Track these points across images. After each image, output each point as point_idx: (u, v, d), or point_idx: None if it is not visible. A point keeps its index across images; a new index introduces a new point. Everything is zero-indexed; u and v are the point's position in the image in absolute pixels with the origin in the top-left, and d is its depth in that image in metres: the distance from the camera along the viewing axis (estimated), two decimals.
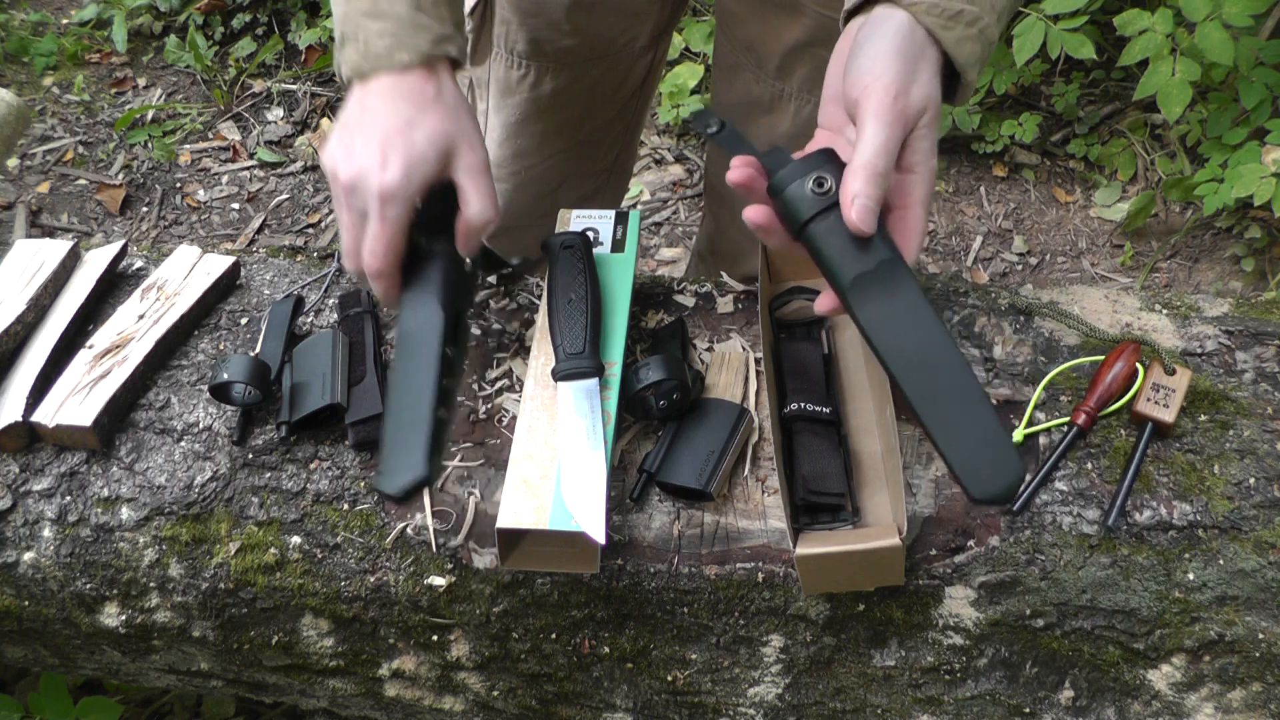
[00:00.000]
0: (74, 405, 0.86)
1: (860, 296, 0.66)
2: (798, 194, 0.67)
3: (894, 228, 0.69)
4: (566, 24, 1.11)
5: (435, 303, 0.76)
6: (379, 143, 0.74)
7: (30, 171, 2.43)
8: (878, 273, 0.66)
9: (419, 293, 0.77)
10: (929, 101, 0.68)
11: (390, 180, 0.73)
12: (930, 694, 0.84)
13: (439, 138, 0.75)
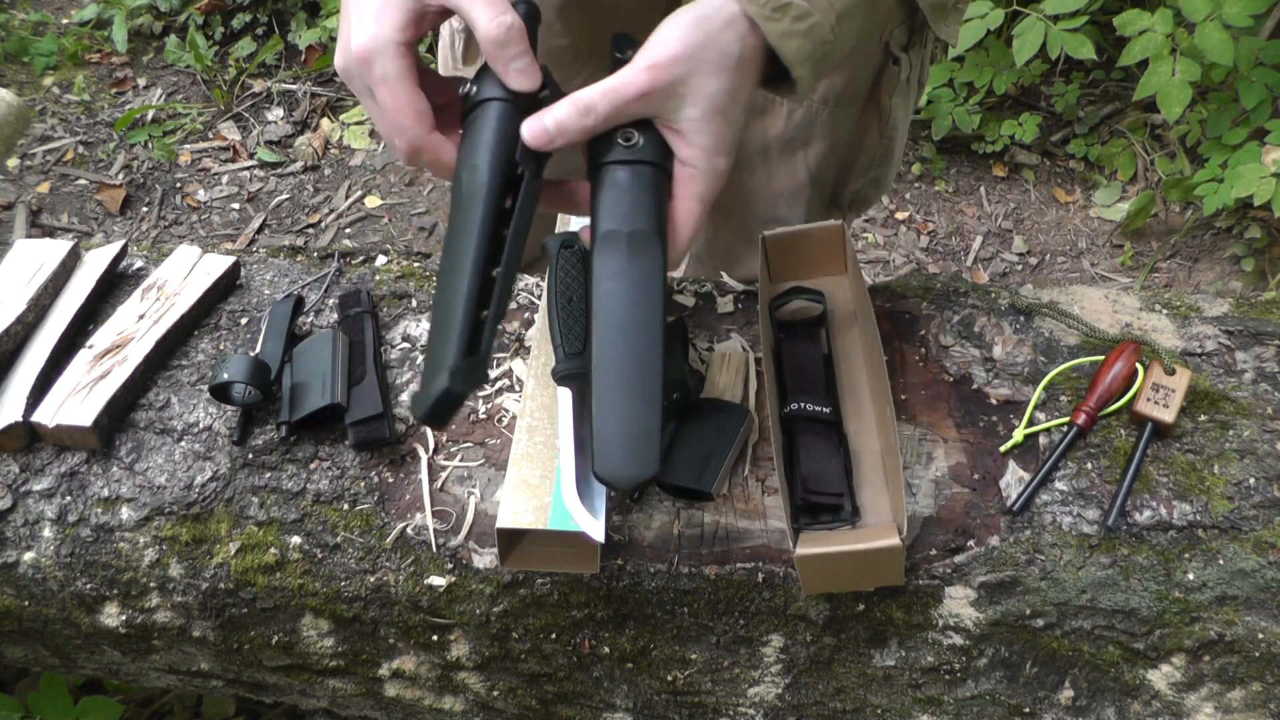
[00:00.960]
0: (74, 405, 0.86)
1: (604, 247, 0.67)
2: (605, 139, 0.69)
3: (671, 214, 0.69)
4: (558, 24, 1.11)
5: (484, 157, 0.67)
6: (348, 13, 0.68)
7: (30, 171, 2.43)
8: (631, 237, 0.67)
9: (467, 152, 0.68)
10: (695, 95, 0.67)
11: (361, 40, 0.66)
12: (930, 694, 0.84)
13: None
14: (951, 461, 0.84)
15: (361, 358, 0.90)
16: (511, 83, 0.68)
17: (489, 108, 0.68)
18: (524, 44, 0.67)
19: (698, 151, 0.68)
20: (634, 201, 0.67)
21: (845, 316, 0.93)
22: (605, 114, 0.67)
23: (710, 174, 0.69)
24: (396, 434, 0.86)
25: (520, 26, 0.66)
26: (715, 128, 0.67)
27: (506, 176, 0.67)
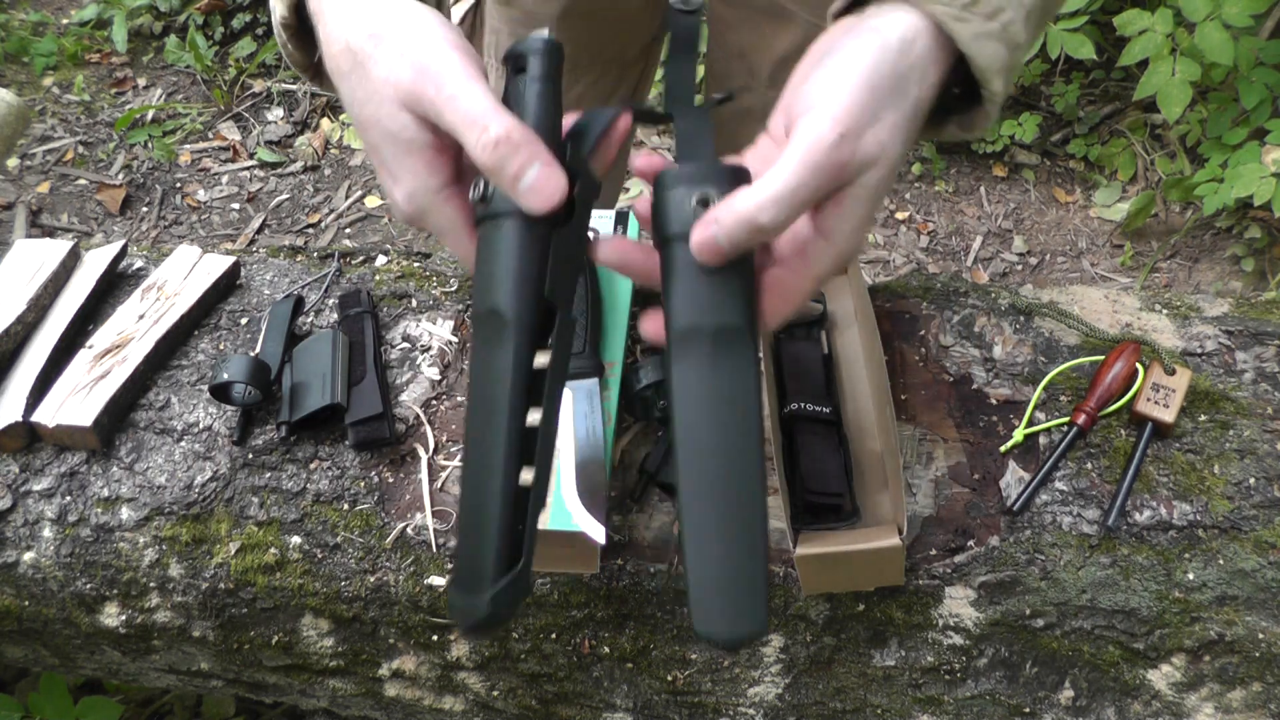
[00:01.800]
0: (74, 405, 0.86)
1: (682, 351, 0.54)
2: (677, 201, 0.54)
3: (766, 287, 0.56)
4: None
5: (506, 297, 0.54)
6: (369, 145, 0.59)
7: (30, 171, 2.43)
8: (714, 335, 0.53)
9: (484, 287, 0.56)
10: (883, 155, 0.52)
11: (399, 200, 0.58)
12: (930, 694, 0.84)
13: (394, 91, 0.55)
14: (951, 461, 0.84)
15: (361, 358, 0.90)
16: (524, 204, 0.53)
17: (503, 226, 0.55)
18: (527, 153, 0.53)
19: (847, 224, 0.53)
20: (720, 287, 0.53)
21: (845, 316, 0.93)
22: (788, 216, 0.51)
23: (849, 252, 0.55)
24: (396, 434, 0.86)
25: (512, 136, 0.52)
26: (872, 199, 0.53)
27: (536, 319, 0.54)
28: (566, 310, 0.56)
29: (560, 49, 0.59)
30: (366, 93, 0.57)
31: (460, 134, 0.53)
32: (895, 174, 0.55)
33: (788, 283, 0.55)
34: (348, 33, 0.57)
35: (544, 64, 0.57)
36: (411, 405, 0.89)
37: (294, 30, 0.65)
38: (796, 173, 0.50)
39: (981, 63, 0.55)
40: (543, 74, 0.57)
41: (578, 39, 1.13)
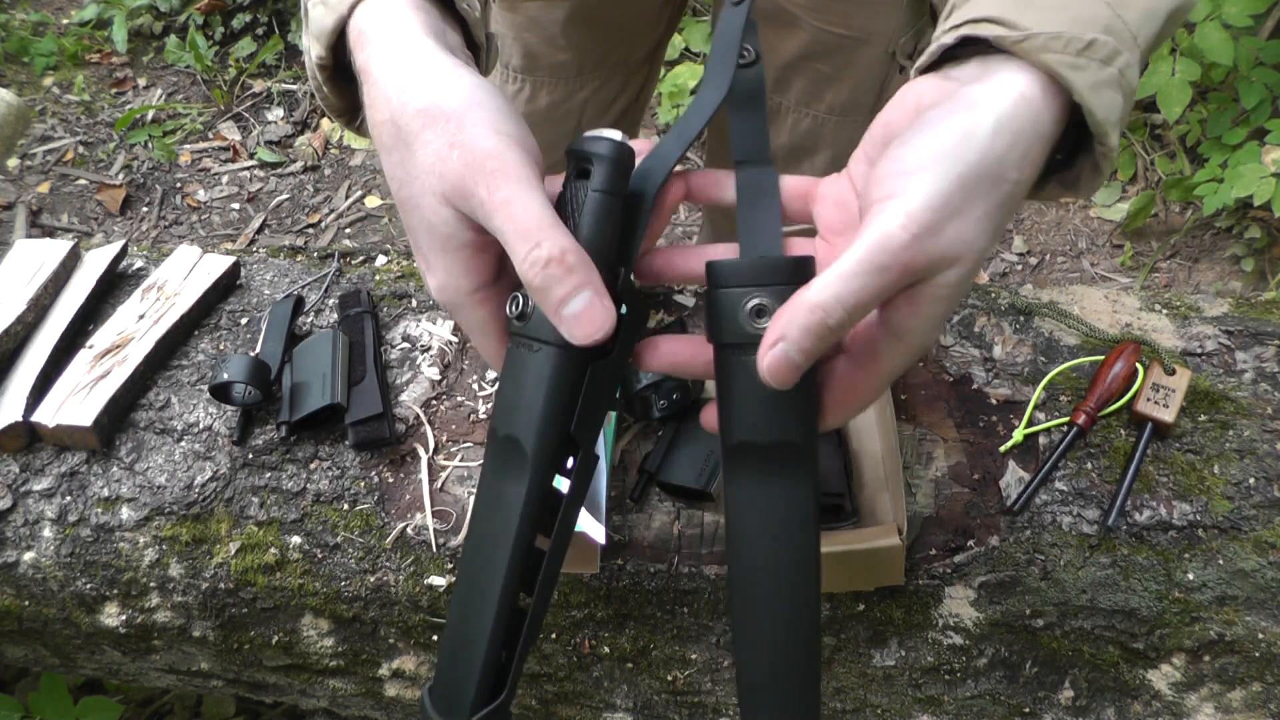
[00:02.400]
0: (74, 405, 0.86)
1: (737, 466, 0.51)
2: (730, 307, 0.49)
3: (830, 383, 0.51)
4: (562, 38, 1.11)
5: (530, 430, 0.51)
6: (406, 226, 0.55)
7: (30, 171, 2.43)
8: (770, 452, 0.50)
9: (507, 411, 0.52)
10: (966, 252, 0.46)
11: (433, 287, 0.54)
12: (930, 694, 0.84)
13: (439, 182, 0.50)
14: (951, 461, 0.84)
15: (361, 358, 0.90)
16: (565, 331, 0.49)
17: (538, 353, 0.51)
18: (578, 279, 0.48)
19: (921, 324, 0.48)
20: (779, 403, 0.50)
21: None
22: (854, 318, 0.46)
23: (923, 349, 0.50)
24: (396, 434, 0.86)
25: (566, 258, 0.48)
26: (951, 298, 0.48)
27: (558, 455, 0.52)
28: (591, 444, 0.53)
29: (631, 154, 0.52)
30: (408, 175, 0.52)
31: (509, 244, 0.49)
32: (980, 267, 0.49)
33: (855, 381, 0.51)
34: (394, 104, 0.52)
35: (610, 174, 0.51)
36: (411, 405, 0.89)
37: (330, 73, 0.60)
38: (866, 273, 0.45)
39: (1100, 115, 0.48)
40: (607, 185, 0.51)
41: (583, 44, 1.13)
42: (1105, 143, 0.50)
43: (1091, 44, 0.48)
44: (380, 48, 0.54)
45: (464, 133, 0.50)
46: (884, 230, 0.45)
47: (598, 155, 0.51)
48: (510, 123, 0.51)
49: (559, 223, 0.49)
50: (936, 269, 0.46)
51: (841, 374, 0.51)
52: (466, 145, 0.49)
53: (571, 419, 0.51)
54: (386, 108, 0.52)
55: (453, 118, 0.50)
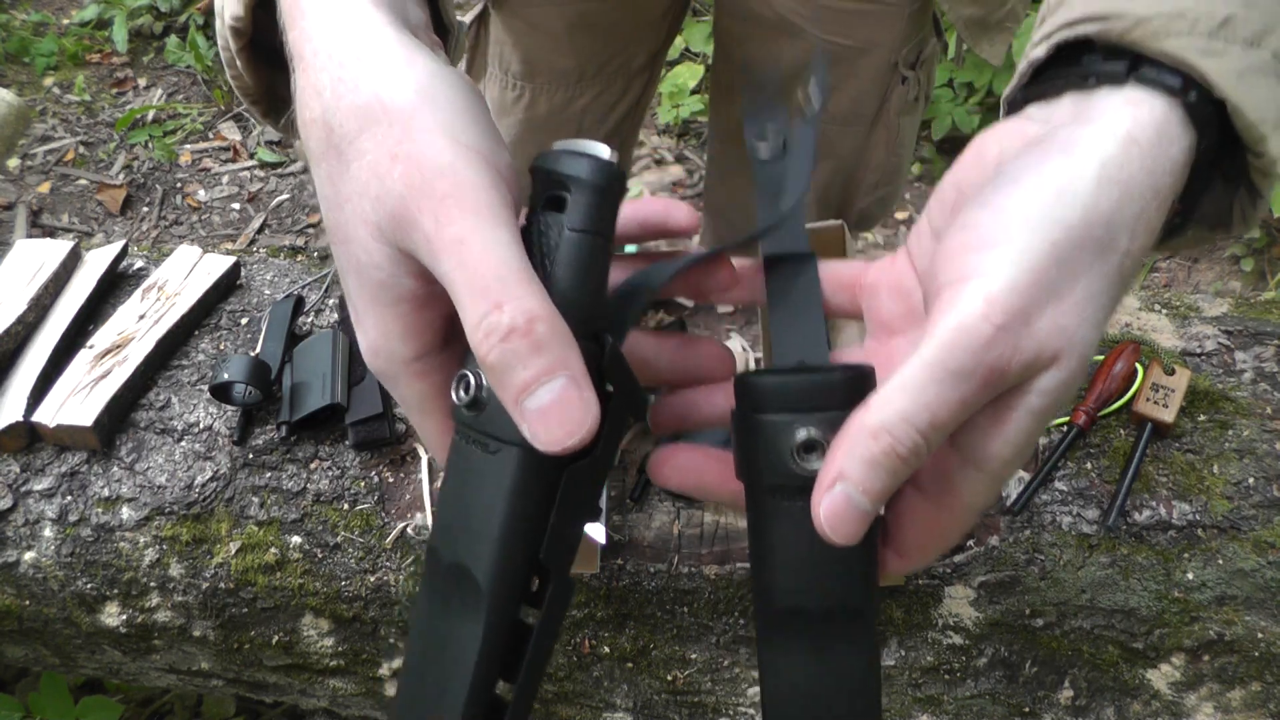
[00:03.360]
0: (74, 405, 0.87)
1: (779, 633, 0.41)
2: (770, 439, 0.39)
3: (902, 522, 0.41)
4: (563, 44, 1.11)
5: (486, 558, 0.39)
6: (337, 264, 0.42)
7: (31, 171, 2.44)
8: (825, 620, 0.40)
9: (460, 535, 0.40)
10: (1067, 347, 0.36)
11: (366, 352, 0.42)
12: (930, 694, 0.84)
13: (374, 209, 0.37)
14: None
15: (361, 358, 0.90)
16: (528, 433, 0.36)
17: (496, 455, 0.38)
18: (547, 360, 0.35)
19: (1008, 448, 0.37)
20: (829, 560, 0.39)
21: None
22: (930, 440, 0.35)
23: (1010, 476, 0.40)
24: (396, 434, 0.86)
25: (535, 328, 0.35)
26: (1062, 402, 0.37)
27: (521, 587, 0.40)
28: (567, 567, 0.41)
29: (622, 177, 0.39)
30: (338, 194, 0.39)
31: (459, 300, 0.36)
32: (1085, 367, 0.36)
33: (931, 520, 0.40)
34: (327, 97, 0.39)
35: (593, 206, 0.38)
36: None
37: (247, 43, 0.48)
38: (935, 382, 0.35)
39: (1252, 113, 0.36)
40: (589, 222, 0.38)
41: (584, 50, 1.13)
42: (1263, 151, 0.37)
43: (1228, 20, 0.37)
44: (316, 23, 0.40)
45: (411, 140, 0.37)
46: (960, 322, 0.35)
47: (576, 180, 0.38)
48: (474, 128, 0.38)
49: (529, 275, 0.36)
50: (1031, 371, 0.36)
51: (915, 511, 0.40)
52: (412, 158, 0.36)
53: (540, 542, 0.39)
54: (317, 102, 0.39)
55: (398, 118, 0.37)
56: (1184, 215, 0.41)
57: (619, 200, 0.39)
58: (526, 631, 0.40)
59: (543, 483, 0.38)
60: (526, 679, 0.41)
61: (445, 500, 0.41)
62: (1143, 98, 0.37)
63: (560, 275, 0.38)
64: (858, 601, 0.40)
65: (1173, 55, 0.36)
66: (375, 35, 0.39)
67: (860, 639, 0.40)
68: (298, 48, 0.41)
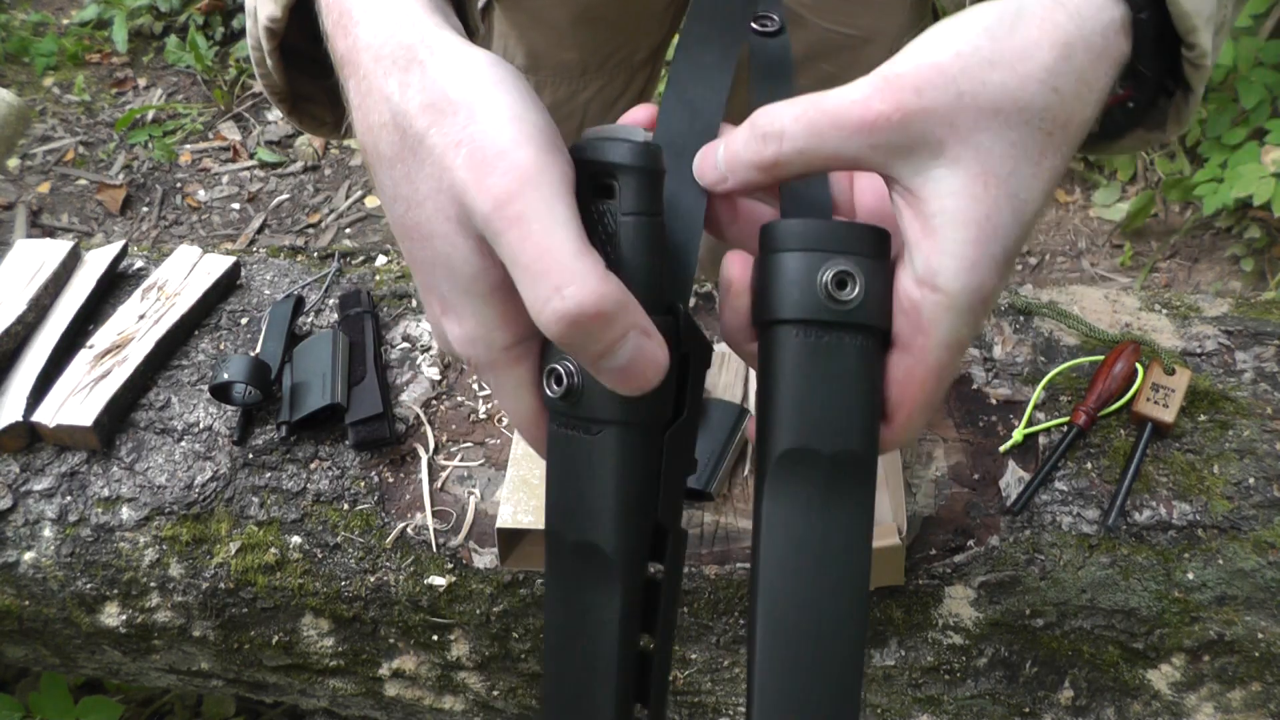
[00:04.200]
0: (74, 405, 0.86)
1: (784, 478, 0.41)
2: (799, 273, 0.40)
3: (885, 386, 0.42)
4: (567, 37, 1.11)
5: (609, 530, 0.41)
6: (414, 261, 0.43)
7: (31, 171, 2.43)
8: (831, 463, 0.40)
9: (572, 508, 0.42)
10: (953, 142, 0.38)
11: (456, 344, 0.43)
12: (930, 694, 0.84)
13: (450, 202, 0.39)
14: (951, 461, 0.84)
15: (361, 358, 0.90)
16: (610, 384, 0.39)
17: (601, 437, 0.40)
18: (617, 327, 0.37)
19: (951, 259, 0.39)
20: (840, 399, 0.40)
21: None
22: (798, 148, 0.39)
23: (969, 308, 0.39)
24: (396, 434, 0.86)
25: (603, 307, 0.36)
26: (987, 213, 0.39)
27: (647, 549, 0.42)
28: (679, 520, 0.43)
29: (660, 156, 0.41)
30: (417, 196, 0.40)
31: (521, 283, 0.37)
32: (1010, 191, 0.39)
33: (911, 370, 0.41)
34: (396, 101, 0.40)
35: (640, 190, 0.39)
36: (411, 405, 0.89)
37: (278, 42, 0.49)
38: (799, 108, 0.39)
39: (1186, 3, 0.39)
40: (643, 204, 0.40)
41: (587, 43, 1.13)
42: (1194, 42, 0.40)
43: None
44: (374, 32, 0.42)
45: (474, 124, 0.38)
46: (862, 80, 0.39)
47: (623, 167, 0.39)
48: (533, 109, 0.39)
49: (589, 253, 0.37)
50: (919, 151, 0.38)
51: (891, 369, 0.41)
52: (475, 140, 0.38)
53: (655, 505, 0.41)
54: (385, 107, 0.40)
55: (461, 107, 0.38)
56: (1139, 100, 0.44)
57: (663, 178, 0.41)
58: (655, 586, 0.43)
59: (649, 452, 0.41)
60: (664, 628, 0.43)
61: (556, 485, 0.42)
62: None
63: (626, 259, 0.39)
64: (863, 447, 0.41)
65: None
66: (435, 38, 0.41)
67: (863, 491, 0.41)
68: (352, 56, 0.42)
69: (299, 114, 0.53)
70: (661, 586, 0.43)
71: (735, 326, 0.43)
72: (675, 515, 0.43)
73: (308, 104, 0.53)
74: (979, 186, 0.38)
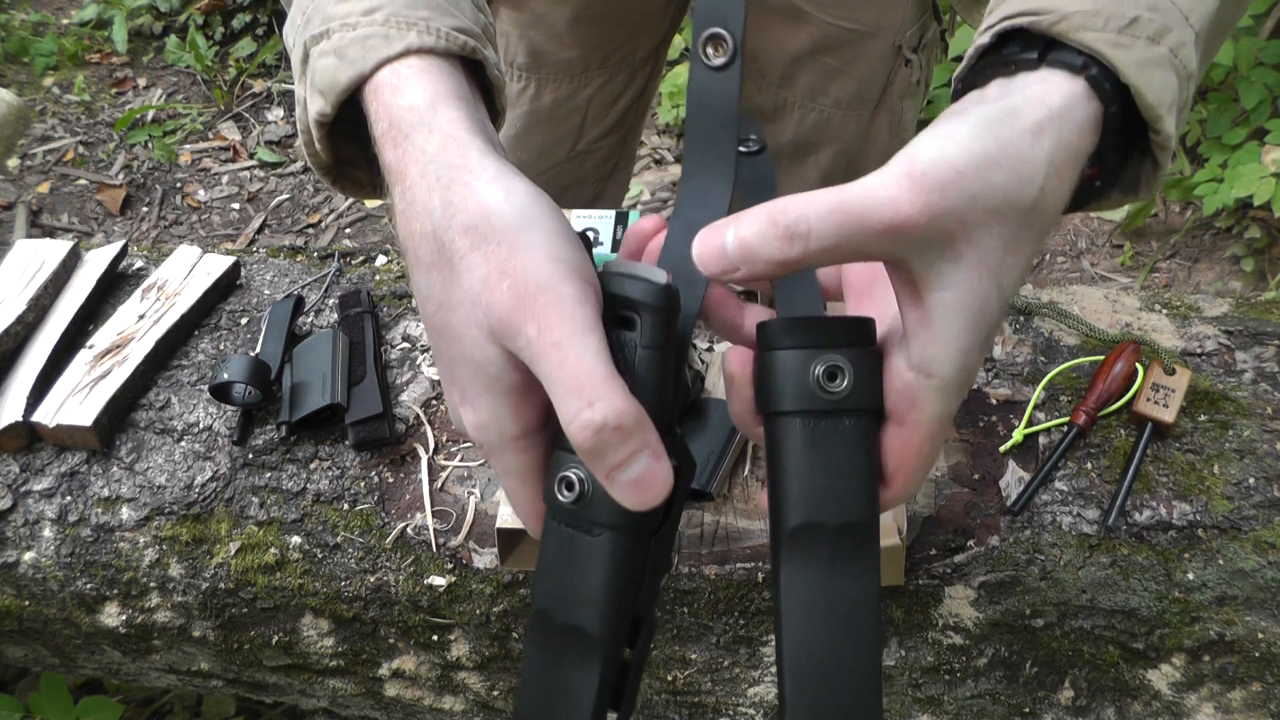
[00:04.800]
0: (74, 405, 0.86)
1: (795, 550, 0.46)
2: (793, 368, 0.45)
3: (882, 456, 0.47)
4: (568, 36, 1.11)
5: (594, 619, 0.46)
6: (441, 354, 0.49)
7: (30, 171, 2.43)
8: (836, 534, 0.45)
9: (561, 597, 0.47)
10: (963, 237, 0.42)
11: (470, 428, 0.48)
12: (930, 694, 0.84)
13: (486, 316, 0.44)
14: (951, 461, 0.84)
15: (361, 358, 0.90)
16: (619, 497, 0.43)
17: (599, 537, 0.46)
18: (637, 443, 0.42)
19: (944, 349, 0.43)
20: (839, 476, 0.45)
21: None
22: (825, 247, 0.41)
23: (958, 387, 0.44)
24: (396, 434, 0.86)
25: (624, 422, 0.42)
26: (980, 303, 0.43)
27: (626, 635, 0.48)
28: (653, 611, 0.49)
29: (678, 298, 0.46)
30: (450, 300, 0.46)
31: (556, 396, 0.42)
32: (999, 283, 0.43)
33: (904, 441, 0.46)
34: (437, 217, 0.46)
35: (662, 326, 0.45)
36: (411, 405, 0.89)
37: (325, 130, 0.54)
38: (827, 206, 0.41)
39: (1150, 96, 0.44)
40: (659, 339, 0.45)
41: (588, 41, 1.13)
42: (1160, 129, 0.45)
43: (1135, 21, 0.44)
44: (421, 149, 0.48)
45: (516, 258, 0.44)
46: (880, 174, 0.42)
47: (644, 305, 0.44)
48: (569, 246, 0.45)
49: (615, 376, 0.42)
50: (935, 246, 0.41)
51: (887, 441, 0.46)
52: (518, 274, 0.43)
53: (637, 597, 0.47)
54: (428, 219, 0.46)
55: (505, 238, 0.44)
56: (1104, 179, 0.48)
57: (678, 315, 0.46)
58: (625, 666, 0.48)
59: (637, 553, 0.46)
60: (628, 704, 0.48)
61: (550, 573, 0.48)
62: (1051, 75, 0.45)
63: (642, 386, 0.45)
64: (864, 517, 0.45)
65: (1088, 45, 0.44)
66: (478, 162, 0.47)
67: (867, 556, 0.46)
68: (399, 167, 0.48)
69: (342, 181, 0.58)
70: (630, 668, 0.48)
71: (743, 413, 0.48)
72: (651, 606, 0.48)
73: (349, 168, 0.58)
74: (975, 278, 0.42)
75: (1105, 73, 0.45)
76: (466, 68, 0.54)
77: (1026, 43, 0.46)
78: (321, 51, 0.52)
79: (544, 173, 1.25)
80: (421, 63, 0.50)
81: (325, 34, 0.52)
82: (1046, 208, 0.44)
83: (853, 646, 0.46)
